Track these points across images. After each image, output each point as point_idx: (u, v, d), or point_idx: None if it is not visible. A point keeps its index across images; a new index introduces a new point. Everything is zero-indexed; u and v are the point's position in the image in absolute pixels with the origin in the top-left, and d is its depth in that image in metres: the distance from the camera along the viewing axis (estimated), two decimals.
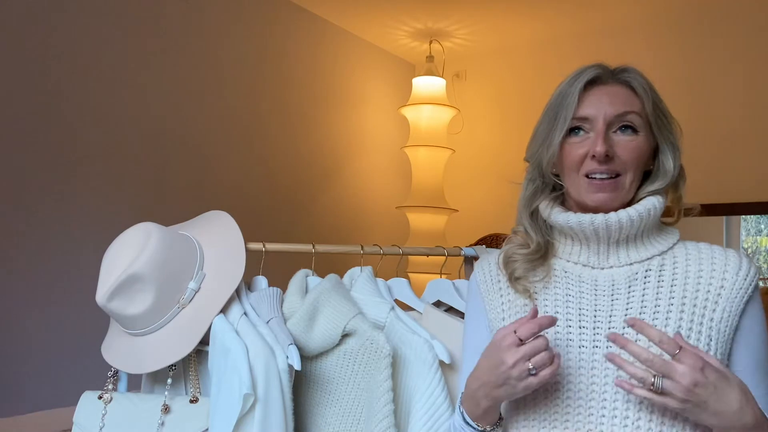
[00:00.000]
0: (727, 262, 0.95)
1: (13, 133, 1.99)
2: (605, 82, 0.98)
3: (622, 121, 0.96)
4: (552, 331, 0.96)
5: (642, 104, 0.97)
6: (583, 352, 0.94)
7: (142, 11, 2.37)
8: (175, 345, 1.23)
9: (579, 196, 0.98)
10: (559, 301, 0.99)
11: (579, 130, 0.98)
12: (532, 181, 1.04)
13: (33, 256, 2.02)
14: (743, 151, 2.82)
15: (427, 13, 3.12)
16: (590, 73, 0.98)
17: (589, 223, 0.96)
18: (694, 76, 2.94)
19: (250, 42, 2.81)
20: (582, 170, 0.97)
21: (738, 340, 0.92)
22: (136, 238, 1.25)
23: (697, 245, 0.99)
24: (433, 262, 2.73)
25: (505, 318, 1.03)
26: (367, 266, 1.43)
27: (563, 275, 1.01)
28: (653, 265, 0.97)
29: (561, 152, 0.99)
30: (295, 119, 3.03)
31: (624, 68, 1.00)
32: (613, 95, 0.97)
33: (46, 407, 1.94)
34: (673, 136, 1.00)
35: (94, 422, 1.22)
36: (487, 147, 3.51)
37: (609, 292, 0.96)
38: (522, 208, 1.05)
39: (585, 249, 1.00)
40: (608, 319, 0.95)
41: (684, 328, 0.91)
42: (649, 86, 0.99)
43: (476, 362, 0.96)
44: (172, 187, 2.45)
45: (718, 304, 0.92)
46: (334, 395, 1.26)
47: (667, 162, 0.99)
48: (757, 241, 2.87)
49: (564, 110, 0.97)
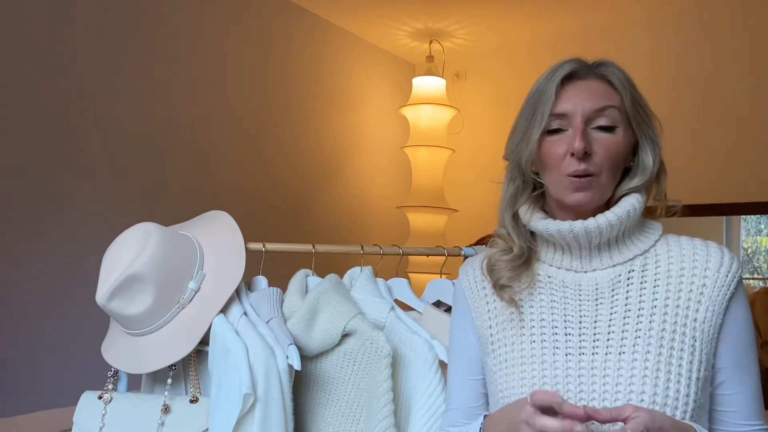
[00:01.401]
0: (709, 258, 0.94)
1: (13, 133, 1.99)
2: (582, 77, 0.97)
3: (600, 116, 0.94)
4: (539, 338, 0.96)
5: (621, 98, 0.96)
6: (570, 360, 0.93)
7: (143, 11, 2.37)
8: (175, 345, 1.23)
9: (558, 194, 0.97)
10: (545, 307, 0.98)
11: (558, 129, 0.96)
12: (512, 181, 1.03)
13: (33, 256, 2.02)
14: (743, 151, 2.81)
15: (427, 13, 3.12)
16: (567, 68, 0.96)
17: (569, 230, 0.95)
18: (694, 75, 2.94)
19: (251, 42, 2.81)
20: (563, 169, 0.95)
21: (722, 338, 0.92)
22: (136, 238, 1.25)
23: (678, 240, 0.98)
24: (433, 262, 2.73)
25: (492, 326, 1.02)
26: (367, 266, 1.43)
27: (547, 281, 1.00)
28: (636, 265, 0.96)
29: (540, 150, 0.97)
30: (296, 119, 3.03)
31: (602, 62, 0.99)
32: (590, 90, 0.96)
33: (46, 407, 1.94)
34: (653, 132, 0.98)
35: (94, 422, 1.22)
36: (487, 147, 3.50)
37: (593, 297, 0.96)
38: (503, 209, 1.04)
39: (567, 254, 0.99)
40: (593, 325, 0.94)
41: (668, 330, 0.91)
42: (627, 80, 0.97)
43: (462, 370, 1.03)
44: (172, 187, 2.45)
45: (701, 303, 0.92)
46: (334, 395, 1.26)
47: (646, 158, 0.97)
48: (757, 241, 2.87)
49: (541, 106, 0.96)
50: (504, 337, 1.00)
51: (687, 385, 0.88)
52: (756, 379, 0.93)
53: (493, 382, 1.00)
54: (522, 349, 0.97)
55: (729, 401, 0.93)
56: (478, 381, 1.06)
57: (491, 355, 1.01)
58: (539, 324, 0.97)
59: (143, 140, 2.36)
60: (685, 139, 2.87)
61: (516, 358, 0.97)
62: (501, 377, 0.98)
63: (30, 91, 2.03)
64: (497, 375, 0.99)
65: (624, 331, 0.92)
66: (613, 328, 0.93)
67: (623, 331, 0.92)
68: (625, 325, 0.92)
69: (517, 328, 0.99)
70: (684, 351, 0.90)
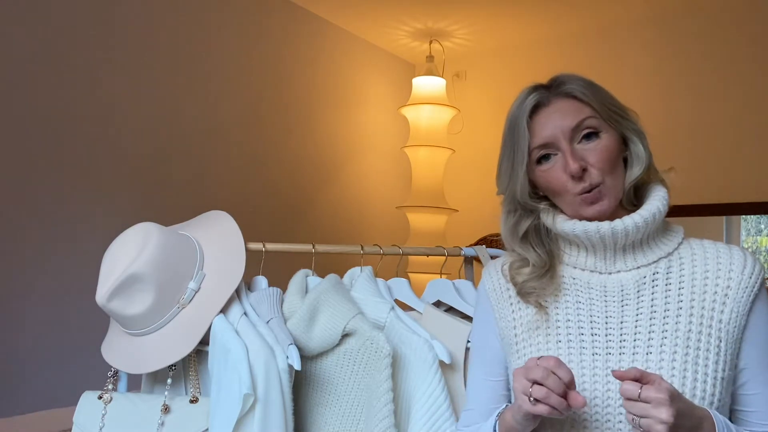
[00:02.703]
0: (732, 261, 0.95)
1: (13, 134, 1.99)
2: (547, 103, 0.99)
3: (581, 130, 0.96)
4: (565, 339, 0.97)
5: (591, 107, 0.97)
6: (597, 359, 0.94)
7: (143, 12, 2.37)
8: (175, 345, 1.23)
9: (575, 212, 0.99)
10: (570, 309, 0.99)
11: (548, 156, 0.98)
12: (511, 213, 1.04)
13: (33, 256, 2.02)
14: (743, 151, 2.82)
15: (427, 13, 3.12)
16: (531, 101, 0.98)
17: (595, 231, 0.96)
18: (693, 75, 2.94)
19: (251, 42, 2.81)
20: (571, 191, 0.97)
21: (745, 338, 0.93)
22: (136, 238, 1.25)
23: (701, 243, 0.99)
24: (433, 262, 2.73)
25: (516, 326, 1.03)
26: (367, 266, 1.43)
27: (572, 282, 1.01)
28: (660, 267, 0.97)
29: (540, 181, 1.00)
30: (295, 119, 3.03)
31: (560, 80, 1.00)
32: (561, 111, 0.97)
33: (46, 407, 1.94)
34: (633, 122, 1.00)
35: (94, 422, 1.22)
36: (487, 147, 3.50)
37: (618, 298, 0.97)
38: (508, 238, 1.05)
39: (591, 255, 1.00)
40: (619, 326, 0.95)
41: (694, 331, 0.92)
42: (588, 87, 0.98)
43: (483, 371, 1.04)
44: (172, 187, 2.45)
45: (726, 305, 0.93)
46: (334, 395, 1.26)
47: (637, 148, 0.99)
48: (757, 241, 2.87)
49: (519, 141, 0.98)
50: (529, 338, 1.01)
51: (713, 385, 0.90)
52: None
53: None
54: (548, 350, 0.98)
55: (752, 401, 0.94)
56: (498, 382, 1.07)
57: (515, 356, 1.02)
58: (565, 325, 0.99)
59: (143, 140, 2.36)
60: (685, 139, 2.87)
61: None
62: None
63: (30, 91, 2.03)
64: None
65: (651, 332, 0.93)
66: (640, 329, 0.94)
67: (650, 332, 0.93)
68: (651, 326, 0.94)
69: (543, 329, 1.00)
70: (710, 351, 0.91)
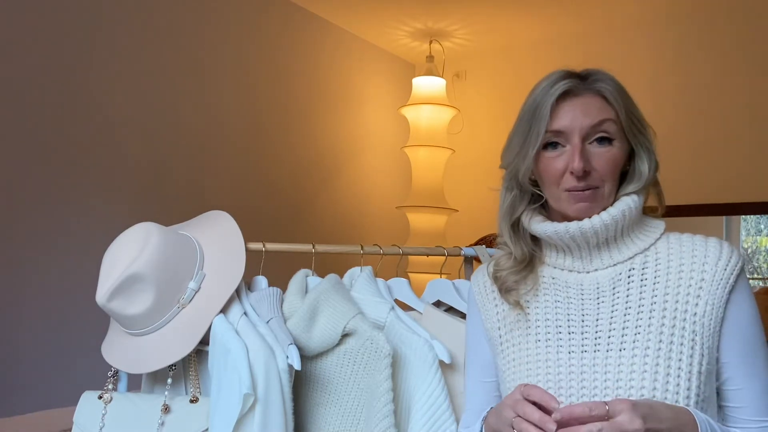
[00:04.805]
0: (707, 253, 0.95)
1: (13, 134, 1.99)
2: (577, 93, 0.97)
3: (597, 132, 0.96)
4: (544, 338, 0.99)
5: (615, 112, 0.96)
6: (573, 357, 0.95)
7: (142, 12, 2.37)
8: (175, 345, 1.23)
9: (559, 207, 0.99)
10: (549, 308, 1.00)
11: (555, 144, 0.97)
12: (509, 190, 1.04)
13: (33, 256, 2.02)
14: (743, 151, 2.82)
15: (427, 13, 3.12)
16: (563, 86, 0.96)
17: (564, 231, 0.97)
18: (694, 75, 2.94)
19: (251, 41, 2.81)
20: (562, 185, 0.97)
21: (724, 331, 0.92)
22: (136, 238, 1.25)
23: (679, 237, 0.99)
24: (433, 262, 2.73)
25: (500, 327, 1.05)
26: (367, 266, 1.43)
27: (551, 282, 1.02)
28: (636, 263, 0.97)
29: (538, 165, 0.99)
30: (295, 119, 3.03)
31: (595, 76, 0.99)
32: (586, 106, 0.96)
33: (46, 407, 1.94)
34: (648, 141, 0.99)
35: (94, 422, 1.22)
36: (487, 147, 3.50)
37: (594, 296, 0.97)
38: (502, 219, 1.06)
39: (568, 255, 1.01)
40: (595, 323, 0.96)
41: (667, 326, 0.91)
42: (620, 92, 0.98)
43: (476, 373, 1.07)
44: (171, 187, 2.45)
45: (700, 297, 0.92)
46: (334, 395, 1.26)
47: (642, 166, 0.99)
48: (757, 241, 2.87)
49: (537, 123, 0.96)
50: (512, 338, 1.03)
51: (687, 379, 0.89)
52: (765, 375, 0.92)
53: (503, 382, 1.04)
54: (528, 349, 1.00)
55: (737, 397, 0.92)
56: (491, 383, 1.09)
57: (500, 355, 1.05)
58: (544, 324, 1.00)
59: (143, 141, 2.36)
60: (685, 139, 2.87)
61: (522, 358, 1.00)
62: (509, 377, 1.01)
63: (30, 91, 2.03)
64: (506, 375, 1.02)
65: (624, 328, 0.93)
66: (614, 325, 0.94)
67: (623, 329, 0.93)
68: (625, 323, 0.93)
69: (524, 329, 1.02)
70: (684, 345, 0.90)
